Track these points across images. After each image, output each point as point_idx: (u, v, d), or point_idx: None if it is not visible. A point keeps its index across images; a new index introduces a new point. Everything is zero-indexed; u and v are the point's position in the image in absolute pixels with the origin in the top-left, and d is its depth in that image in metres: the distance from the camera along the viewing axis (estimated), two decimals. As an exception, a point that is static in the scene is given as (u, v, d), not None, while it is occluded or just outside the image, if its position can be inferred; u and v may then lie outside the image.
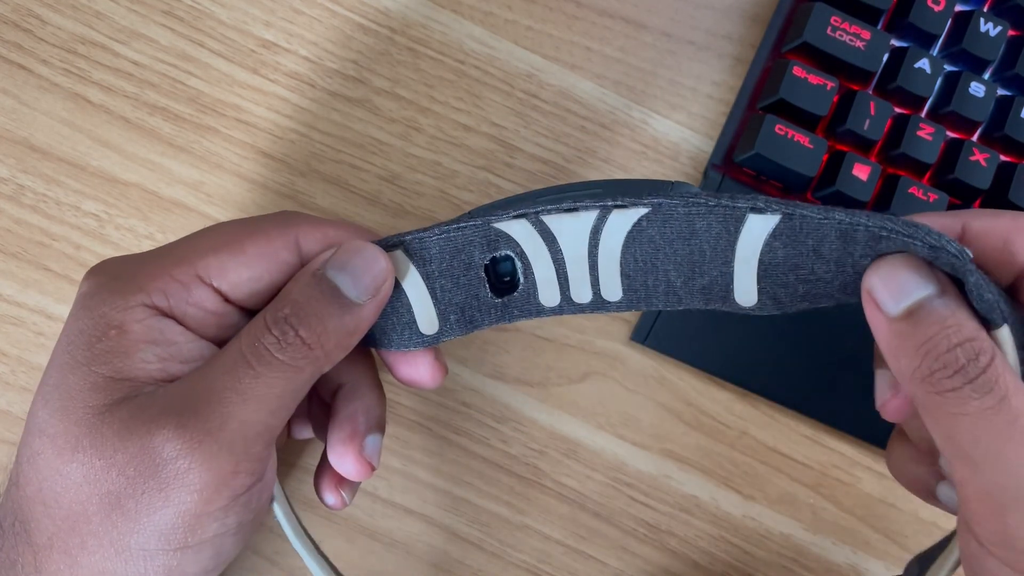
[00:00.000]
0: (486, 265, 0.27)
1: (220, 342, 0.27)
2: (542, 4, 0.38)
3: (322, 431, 0.30)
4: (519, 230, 0.27)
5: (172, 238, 0.36)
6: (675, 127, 0.38)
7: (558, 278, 0.27)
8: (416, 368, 0.29)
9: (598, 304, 0.27)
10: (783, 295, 0.25)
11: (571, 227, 0.26)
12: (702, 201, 0.25)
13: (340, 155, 0.37)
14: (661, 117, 0.38)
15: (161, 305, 0.26)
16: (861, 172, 0.35)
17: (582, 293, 0.27)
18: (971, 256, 0.23)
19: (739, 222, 0.25)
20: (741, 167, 0.36)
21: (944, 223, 0.25)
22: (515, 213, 0.26)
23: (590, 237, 0.26)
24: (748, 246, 0.25)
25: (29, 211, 0.36)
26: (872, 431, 0.37)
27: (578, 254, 0.27)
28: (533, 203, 0.26)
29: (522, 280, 0.27)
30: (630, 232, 0.26)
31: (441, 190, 0.37)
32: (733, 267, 0.25)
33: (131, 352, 0.25)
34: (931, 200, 0.35)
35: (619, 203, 0.26)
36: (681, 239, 0.25)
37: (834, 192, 0.35)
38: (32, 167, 0.36)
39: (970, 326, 0.23)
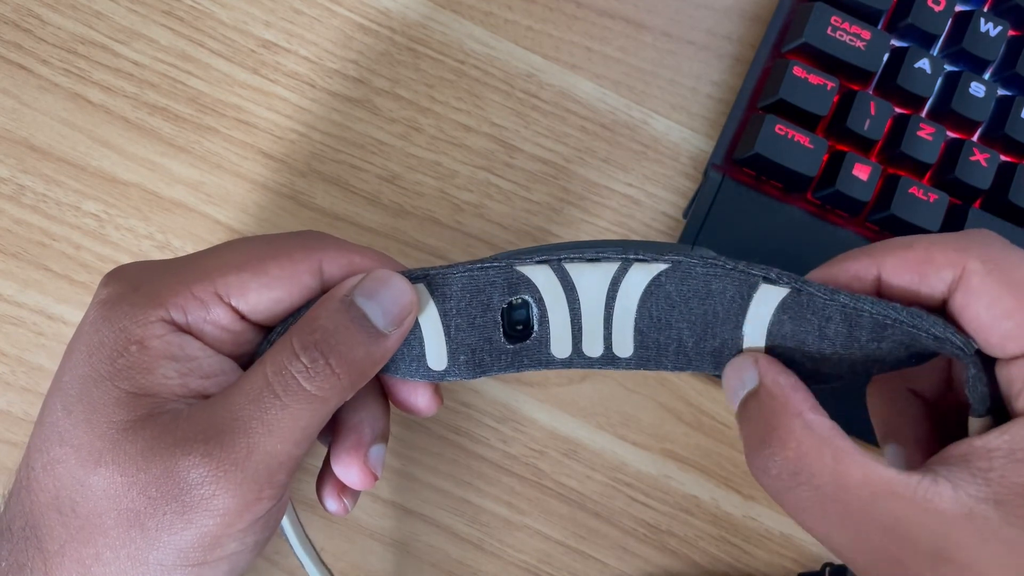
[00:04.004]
0: (503, 309, 0.27)
1: (237, 356, 0.27)
2: (542, 4, 0.38)
3: (324, 435, 0.30)
4: (540, 276, 0.27)
5: (172, 238, 0.36)
6: (675, 127, 0.38)
7: (572, 329, 0.27)
8: (415, 396, 0.29)
9: (608, 360, 0.27)
10: (790, 367, 0.26)
11: (591, 277, 0.27)
12: (720, 263, 0.25)
13: (340, 155, 0.37)
14: (661, 117, 0.38)
15: (179, 321, 0.26)
16: (861, 172, 0.35)
17: (594, 347, 0.27)
18: (975, 348, 0.23)
19: (752, 288, 0.25)
20: (741, 167, 0.36)
21: (861, 266, 0.25)
22: (538, 259, 0.27)
23: (609, 288, 0.27)
24: (759, 314, 0.26)
25: (29, 211, 0.36)
26: (871, 432, 0.37)
27: (595, 305, 0.27)
28: (555, 251, 0.27)
29: (536, 327, 0.27)
30: (648, 286, 0.26)
31: (441, 190, 0.37)
32: (743, 332, 0.26)
33: (152, 368, 0.25)
34: (931, 200, 0.35)
35: (640, 257, 0.26)
36: (697, 298, 0.26)
37: (834, 192, 0.35)
38: (32, 167, 0.36)
39: (781, 416, 0.23)
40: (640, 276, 0.26)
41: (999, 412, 0.24)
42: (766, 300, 0.25)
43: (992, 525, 0.20)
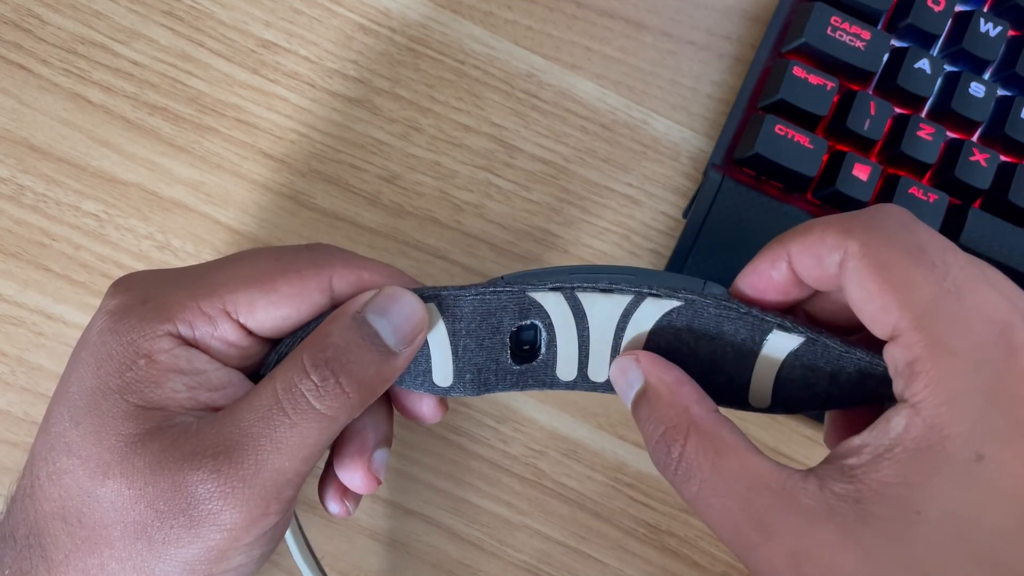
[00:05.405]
0: (512, 332, 0.27)
1: (243, 368, 0.27)
2: (542, 4, 0.38)
3: None
4: (552, 302, 0.27)
5: (172, 238, 0.36)
6: (675, 127, 0.38)
7: (579, 355, 0.27)
8: (420, 404, 0.29)
9: (612, 385, 0.28)
10: (795, 406, 0.26)
11: (603, 307, 0.27)
12: (733, 307, 0.26)
13: (340, 155, 0.37)
14: (661, 117, 0.38)
15: (187, 335, 0.26)
16: (861, 172, 0.35)
17: (599, 372, 0.28)
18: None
19: (764, 334, 0.26)
20: (741, 167, 0.36)
21: (775, 254, 0.25)
22: (551, 285, 0.27)
23: (619, 320, 0.27)
24: (770, 358, 0.26)
25: (29, 211, 0.36)
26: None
27: (604, 334, 0.27)
28: (568, 278, 0.27)
29: (543, 350, 0.28)
30: (659, 321, 0.26)
31: (441, 190, 0.37)
32: (752, 374, 0.26)
33: (161, 382, 0.25)
34: (931, 200, 0.35)
35: (654, 292, 0.26)
36: (707, 337, 0.26)
37: (834, 192, 0.35)
38: (32, 167, 0.36)
39: (668, 414, 0.24)
40: (652, 310, 0.26)
41: None
42: (778, 346, 0.26)
43: (848, 524, 0.20)
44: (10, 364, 0.35)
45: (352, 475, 0.28)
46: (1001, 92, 0.37)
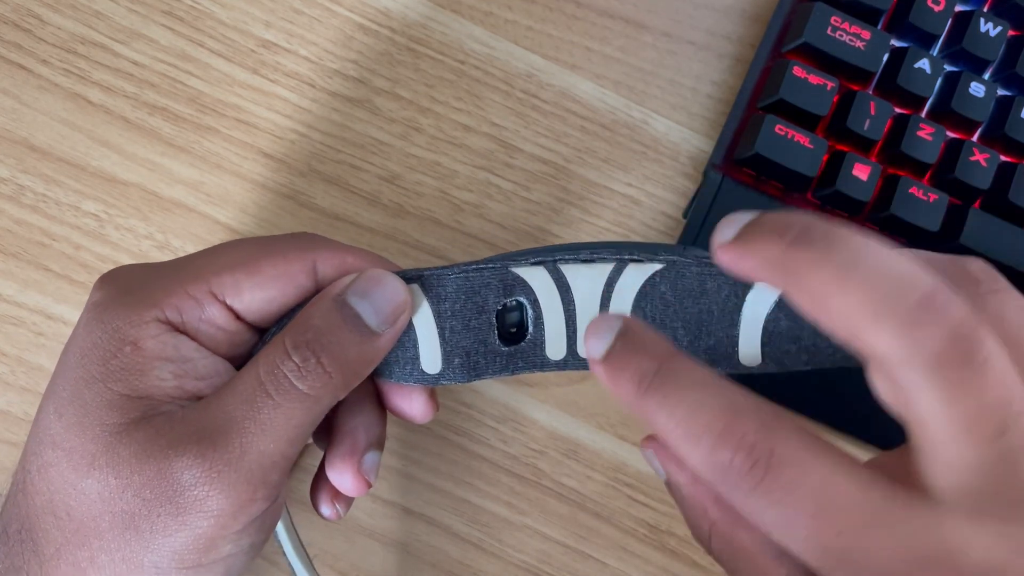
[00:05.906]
0: (498, 311, 0.27)
1: (232, 358, 0.27)
2: (542, 4, 0.38)
3: (320, 438, 0.30)
4: (536, 277, 0.27)
5: (172, 238, 0.36)
6: (675, 127, 0.38)
7: (567, 330, 0.27)
8: (410, 402, 0.29)
9: None
10: (786, 360, 0.26)
11: (586, 277, 0.27)
12: (714, 263, 0.25)
13: (340, 155, 0.37)
14: (661, 117, 0.38)
15: (174, 321, 0.25)
16: (861, 172, 0.35)
17: None
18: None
19: (746, 288, 0.26)
20: (741, 167, 0.36)
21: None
22: (533, 260, 0.27)
23: (604, 289, 0.27)
24: (754, 312, 0.26)
25: (29, 211, 0.36)
26: (872, 432, 0.37)
27: (590, 306, 0.27)
28: (550, 253, 0.27)
29: (531, 329, 0.27)
30: (643, 287, 0.26)
31: (441, 190, 0.37)
32: (739, 330, 0.26)
33: (147, 370, 0.25)
34: (931, 200, 0.35)
35: (635, 257, 0.26)
36: (691, 297, 0.26)
37: (834, 192, 0.35)
38: (32, 167, 0.36)
39: (691, 515, 0.24)
40: (635, 276, 0.26)
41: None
42: (761, 299, 0.25)
43: None
44: (10, 364, 0.35)
45: (342, 476, 0.28)
46: (1001, 92, 0.37)
